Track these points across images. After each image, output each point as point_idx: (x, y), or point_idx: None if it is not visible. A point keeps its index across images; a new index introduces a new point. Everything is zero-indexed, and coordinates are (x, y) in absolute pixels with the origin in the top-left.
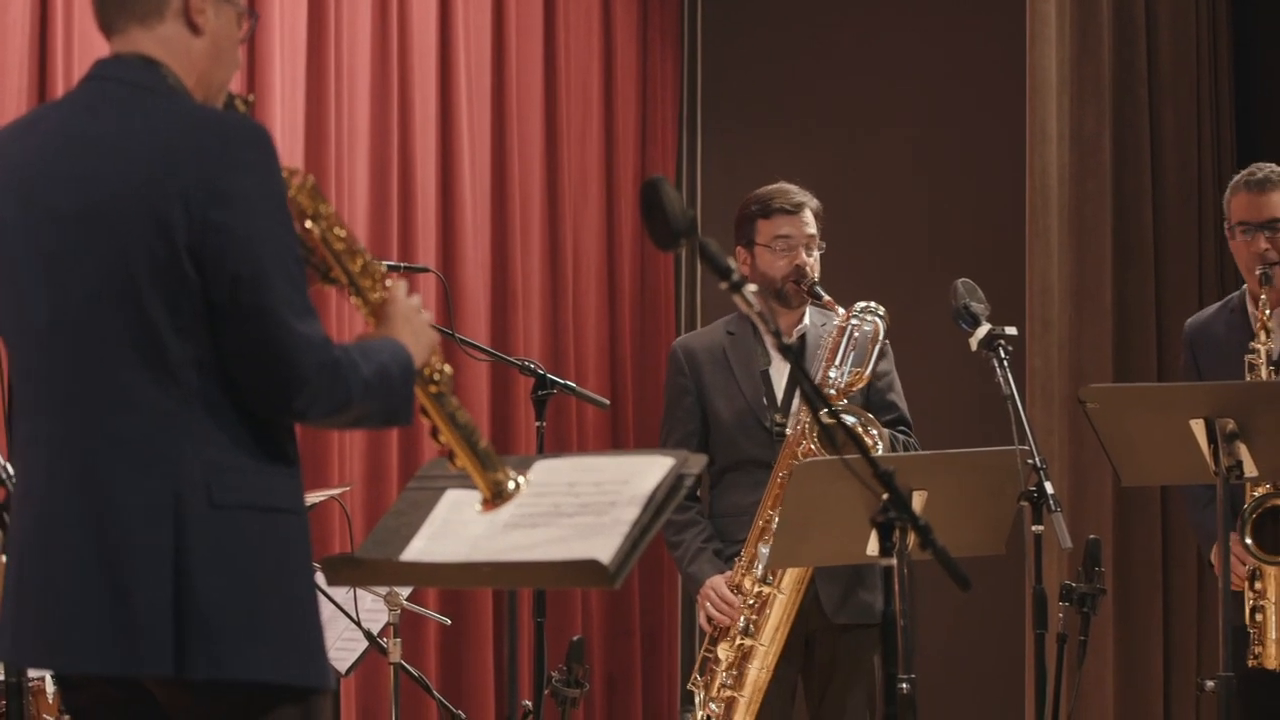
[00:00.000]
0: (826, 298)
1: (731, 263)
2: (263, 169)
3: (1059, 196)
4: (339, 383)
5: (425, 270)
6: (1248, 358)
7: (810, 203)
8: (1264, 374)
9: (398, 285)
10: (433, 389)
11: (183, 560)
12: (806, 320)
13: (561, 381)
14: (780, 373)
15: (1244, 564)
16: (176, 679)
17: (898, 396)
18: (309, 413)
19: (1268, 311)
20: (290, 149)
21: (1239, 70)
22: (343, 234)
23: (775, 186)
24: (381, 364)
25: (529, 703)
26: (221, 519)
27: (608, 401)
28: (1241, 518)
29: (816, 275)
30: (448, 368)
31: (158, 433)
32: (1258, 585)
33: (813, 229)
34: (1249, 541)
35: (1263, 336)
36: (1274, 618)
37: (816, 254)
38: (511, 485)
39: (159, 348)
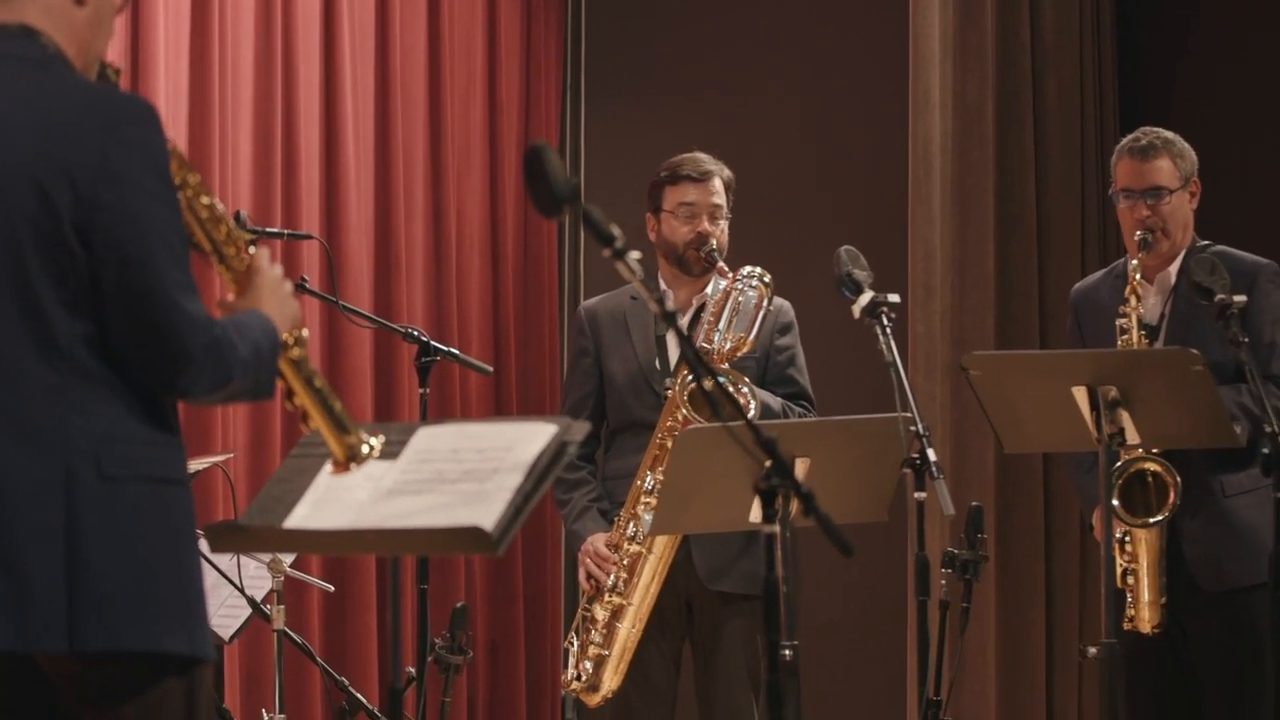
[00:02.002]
0: (721, 265)
1: (614, 230)
2: (150, 147)
3: (941, 164)
4: (220, 362)
5: (309, 237)
6: (1118, 321)
7: (721, 172)
8: (1134, 338)
9: (261, 254)
10: (293, 354)
11: (74, 533)
12: (709, 290)
13: (445, 348)
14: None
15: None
16: (70, 653)
17: (798, 372)
18: (191, 390)
19: (1138, 276)
20: (174, 116)
21: (1122, 39)
22: (207, 202)
23: (688, 155)
24: (255, 341)
25: (412, 669)
26: (112, 491)
27: (491, 368)
28: (1109, 481)
29: (723, 244)
30: (305, 332)
31: (45, 407)
32: (1128, 549)
33: (720, 198)
34: (1116, 504)
35: (1133, 301)
36: (1146, 581)
37: (723, 223)
38: (366, 449)
39: (46, 323)
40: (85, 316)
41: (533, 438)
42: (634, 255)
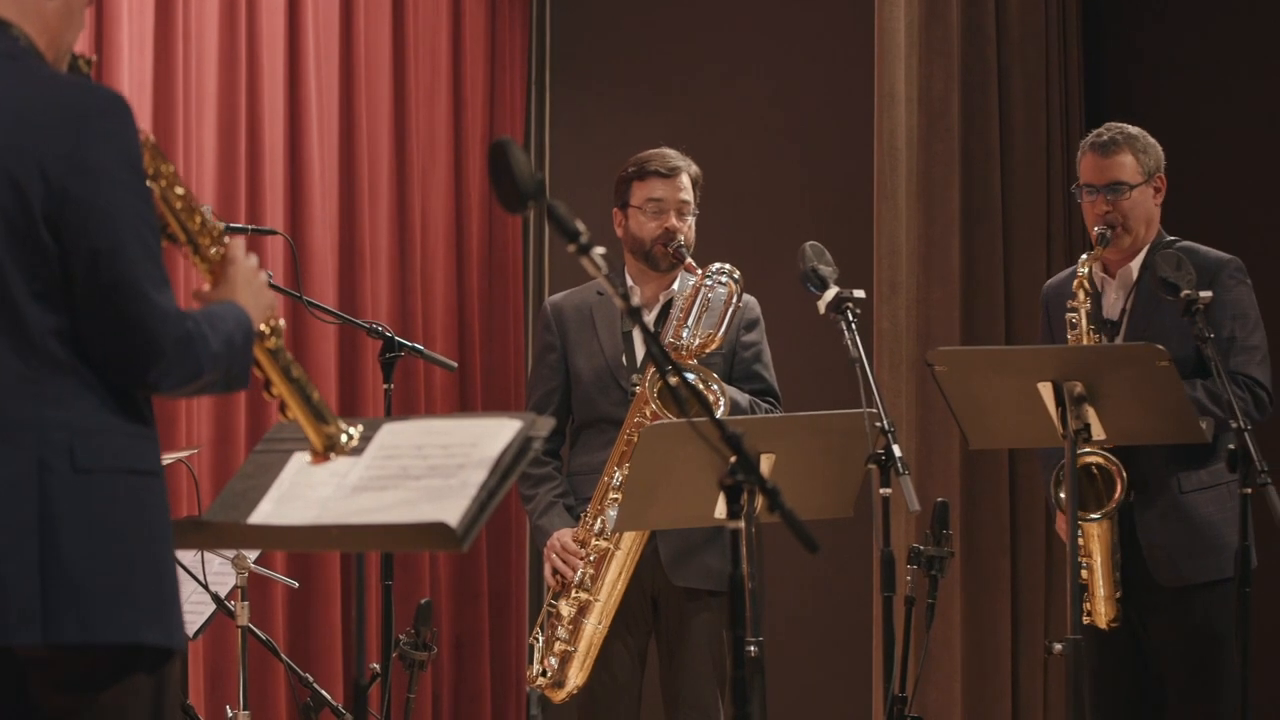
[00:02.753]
0: (689, 260)
1: (579, 225)
2: (122, 139)
3: (907, 159)
4: (190, 356)
5: (273, 233)
6: (1068, 315)
7: (688, 168)
8: (1084, 331)
9: (236, 244)
10: (269, 344)
11: (48, 526)
12: (676, 286)
13: (409, 344)
14: (642, 335)
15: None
16: (44, 645)
17: (764, 369)
18: (161, 384)
19: (1085, 271)
20: (138, 109)
21: (1087, 33)
22: (182, 192)
23: (655, 150)
24: (228, 333)
25: (377, 666)
26: (86, 483)
27: (455, 364)
28: (1056, 475)
29: (690, 240)
30: (281, 322)
31: (18, 399)
32: (1081, 543)
33: (687, 194)
34: (1063, 497)
35: (1081, 295)
36: (1100, 576)
37: (690, 219)
38: (344, 438)
39: (18, 315)
40: (56, 309)
41: (497, 433)
42: (599, 251)
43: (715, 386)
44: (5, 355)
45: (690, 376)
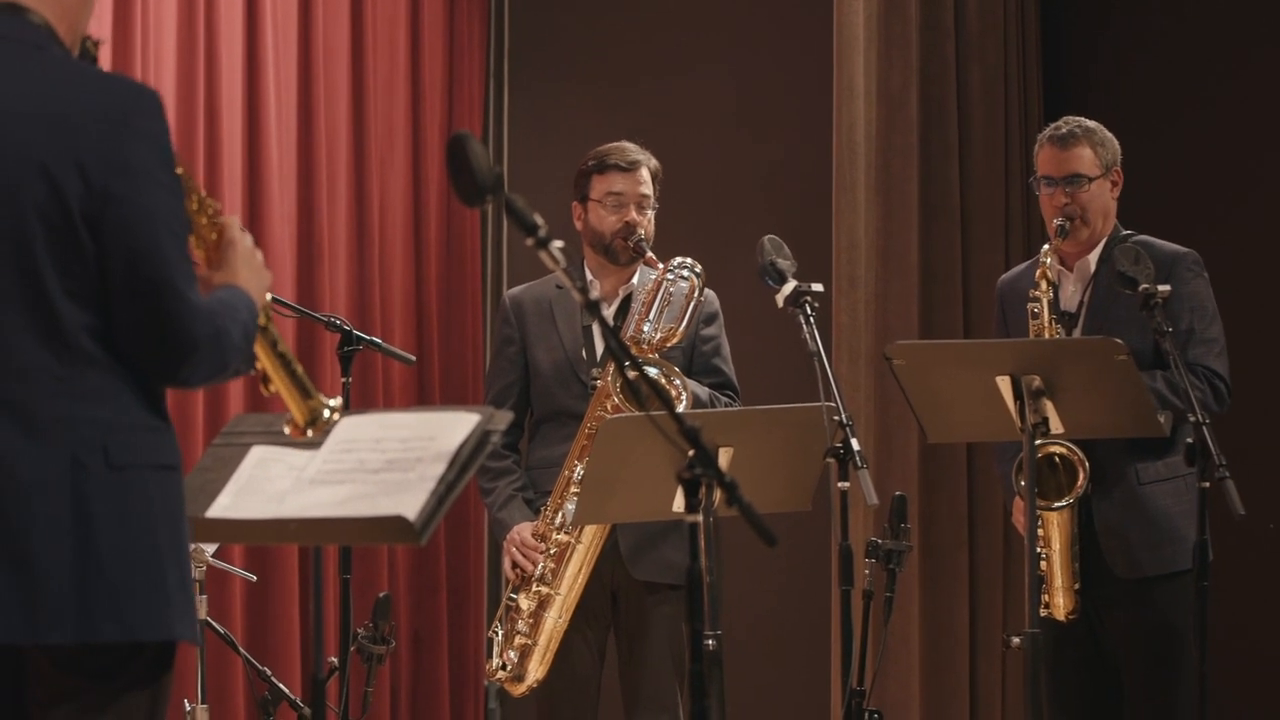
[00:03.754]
0: (650, 254)
1: (537, 219)
2: (161, 138)
3: (866, 153)
4: (219, 351)
5: None
6: (1029, 306)
7: (648, 162)
8: (1045, 322)
9: (233, 224)
10: (260, 320)
11: (83, 524)
12: (635, 280)
13: (367, 337)
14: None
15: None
16: (80, 645)
17: (724, 362)
18: (192, 379)
19: (1048, 261)
20: None
21: (1046, 27)
22: (179, 173)
23: (615, 144)
24: (244, 324)
25: (335, 660)
26: (120, 480)
27: (414, 358)
28: (1017, 464)
29: (650, 234)
30: (270, 295)
31: (51, 397)
32: (1040, 533)
33: (647, 188)
34: (1024, 485)
35: (1043, 285)
36: (1059, 567)
37: (650, 213)
38: (327, 413)
39: (52, 313)
40: (89, 306)
41: (455, 427)
42: (557, 244)
43: (678, 381)
44: (38, 353)
45: (653, 371)
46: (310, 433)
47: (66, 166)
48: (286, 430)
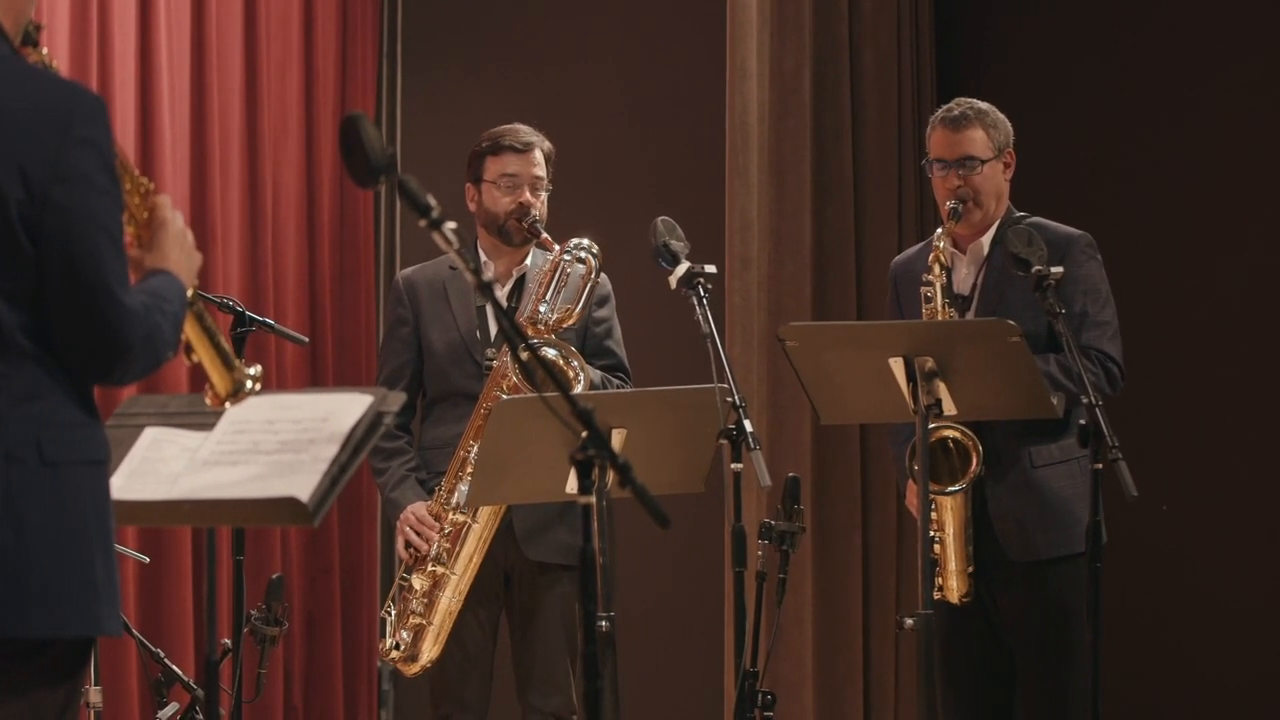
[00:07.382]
0: (545, 236)
1: (431, 200)
2: (102, 144)
3: (759, 134)
4: (151, 350)
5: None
6: (922, 289)
7: (541, 144)
8: (939, 306)
9: (164, 203)
10: (188, 294)
11: (15, 519)
12: (529, 261)
13: (260, 319)
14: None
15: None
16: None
17: (616, 344)
18: (124, 379)
19: (942, 244)
20: None
21: (939, 9)
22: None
23: (508, 126)
24: (174, 315)
25: (228, 641)
26: (53, 475)
27: (306, 339)
28: (912, 448)
29: (543, 216)
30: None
31: None
32: (934, 517)
33: (541, 170)
34: (917, 469)
35: (936, 269)
36: (952, 550)
37: (544, 195)
38: (249, 384)
39: None
40: (24, 306)
41: (349, 408)
42: (450, 225)
43: (576, 363)
44: None
45: (552, 353)
46: (230, 404)
47: (9, 171)
48: (207, 401)
